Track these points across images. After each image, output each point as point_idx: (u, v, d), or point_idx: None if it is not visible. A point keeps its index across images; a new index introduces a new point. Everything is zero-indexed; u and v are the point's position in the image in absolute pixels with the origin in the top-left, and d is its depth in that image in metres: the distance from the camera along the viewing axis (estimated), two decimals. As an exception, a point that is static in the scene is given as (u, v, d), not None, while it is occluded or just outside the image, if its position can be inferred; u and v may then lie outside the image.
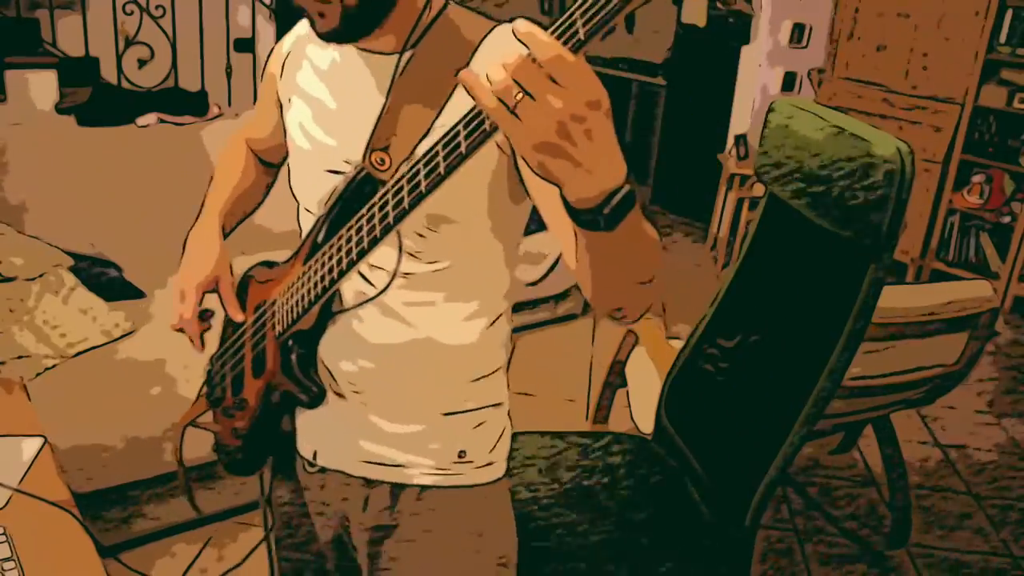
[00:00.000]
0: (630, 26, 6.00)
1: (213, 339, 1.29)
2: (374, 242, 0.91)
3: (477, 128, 0.75)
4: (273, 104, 1.18)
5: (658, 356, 2.20)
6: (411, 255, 1.00)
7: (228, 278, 1.21)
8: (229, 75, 3.78)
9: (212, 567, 2.21)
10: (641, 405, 2.25)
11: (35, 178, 2.68)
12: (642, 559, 1.61)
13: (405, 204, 0.85)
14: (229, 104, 3.73)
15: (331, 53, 1.06)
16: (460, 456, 1.09)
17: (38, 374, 2.13)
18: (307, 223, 1.09)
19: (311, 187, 1.07)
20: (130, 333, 2.37)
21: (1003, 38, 4.19)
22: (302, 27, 1.14)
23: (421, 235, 0.99)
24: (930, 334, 2.05)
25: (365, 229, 0.91)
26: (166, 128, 3.02)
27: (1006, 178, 4.34)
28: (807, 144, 1.60)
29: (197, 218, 1.27)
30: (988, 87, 4.24)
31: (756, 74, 4.81)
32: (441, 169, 0.79)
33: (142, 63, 3.60)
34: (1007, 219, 4.32)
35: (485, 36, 0.97)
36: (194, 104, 3.16)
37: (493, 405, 1.12)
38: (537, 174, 0.70)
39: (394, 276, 1.01)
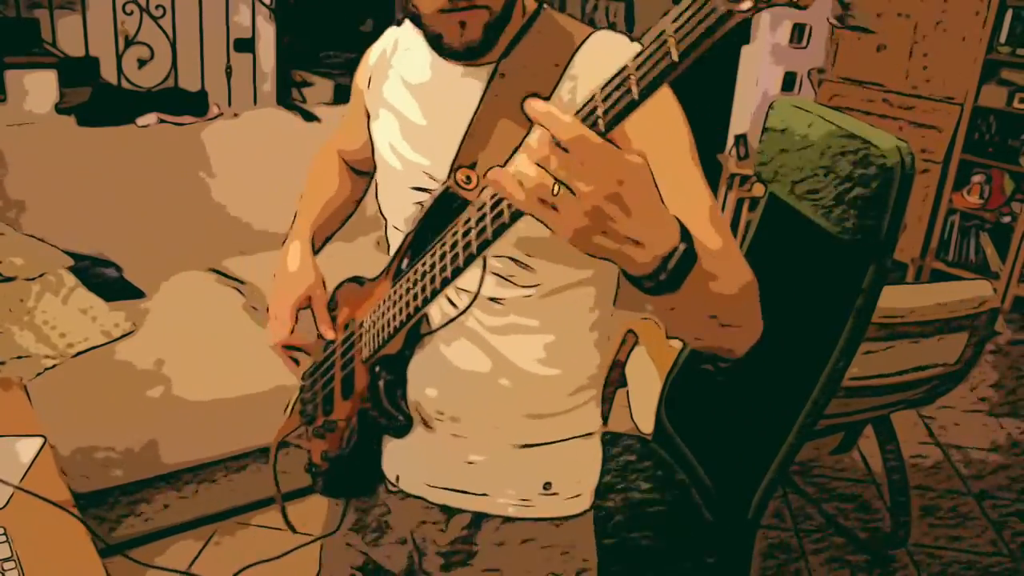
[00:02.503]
0: (630, 26, 6.00)
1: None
2: (457, 270, 0.85)
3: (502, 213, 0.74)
4: (362, 116, 1.15)
5: (658, 356, 2.20)
6: (502, 279, 0.97)
7: (321, 295, 1.18)
8: (229, 75, 3.78)
9: (212, 567, 2.21)
10: (641, 405, 2.25)
11: (35, 178, 2.68)
12: (642, 559, 1.61)
13: (488, 233, 0.79)
14: (229, 104, 3.73)
15: (422, 65, 1.01)
16: (545, 488, 1.05)
17: (38, 374, 2.13)
18: (395, 240, 1.06)
19: (398, 204, 1.04)
20: (130, 333, 2.37)
21: (1003, 38, 4.19)
22: (388, 38, 1.11)
23: (513, 259, 0.96)
24: (930, 334, 2.05)
25: (449, 255, 0.86)
26: (166, 128, 3.02)
27: (1006, 178, 4.34)
28: (807, 144, 1.60)
29: (287, 235, 1.24)
30: (988, 87, 4.24)
31: (756, 74, 4.81)
32: (488, 234, 0.78)
33: (142, 63, 3.60)
34: (1007, 219, 4.32)
35: (581, 44, 0.92)
36: (194, 104, 3.16)
37: (583, 436, 1.08)
38: (589, 255, 0.68)
39: (476, 297, 0.98)
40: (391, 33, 1.11)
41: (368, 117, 1.13)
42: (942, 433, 3.18)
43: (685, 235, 0.70)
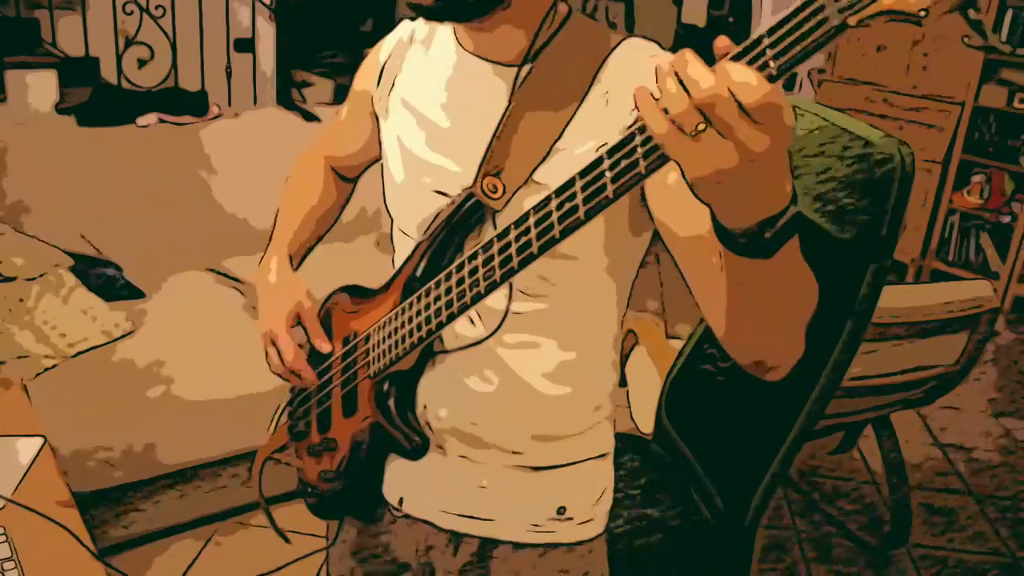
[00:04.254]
0: (630, 26, 6.00)
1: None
2: (493, 286, 0.82)
3: (628, 171, 0.66)
4: (365, 117, 1.09)
5: (658, 356, 2.20)
6: (521, 293, 0.92)
7: (311, 308, 1.12)
8: (229, 75, 3.78)
9: (212, 567, 2.21)
10: (641, 405, 2.25)
11: (35, 178, 2.68)
12: (642, 559, 1.61)
13: (534, 248, 0.75)
14: (229, 104, 3.73)
15: (442, 62, 0.96)
16: (559, 513, 1.01)
17: (38, 374, 2.13)
18: (402, 246, 1.01)
19: (411, 208, 0.98)
20: (130, 333, 2.37)
21: (1003, 38, 4.18)
22: (403, 30, 1.04)
23: (536, 273, 0.89)
24: (930, 334, 2.05)
25: (482, 271, 0.82)
26: (166, 128, 3.02)
27: (1006, 178, 4.34)
28: (807, 144, 1.60)
29: (263, 255, 1.18)
30: (988, 87, 4.24)
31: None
32: (580, 213, 0.71)
33: (142, 63, 3.60)
34: (1007, 219, 4.32)
35: (612, 50, 0.88)
36: (194, 104, 3.16)
37: (597, 457, 1.04)
38: (697, 197, 0.63)
39: (505, 318, 0.92)
40: (405, 27, 1.04)
41: (376, 117, 1.06)
42: (942, 433, 3.18)
43: (795, 200, 0.64)
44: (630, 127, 0.66)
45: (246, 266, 2.77)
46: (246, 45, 3.92)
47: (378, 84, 1.05)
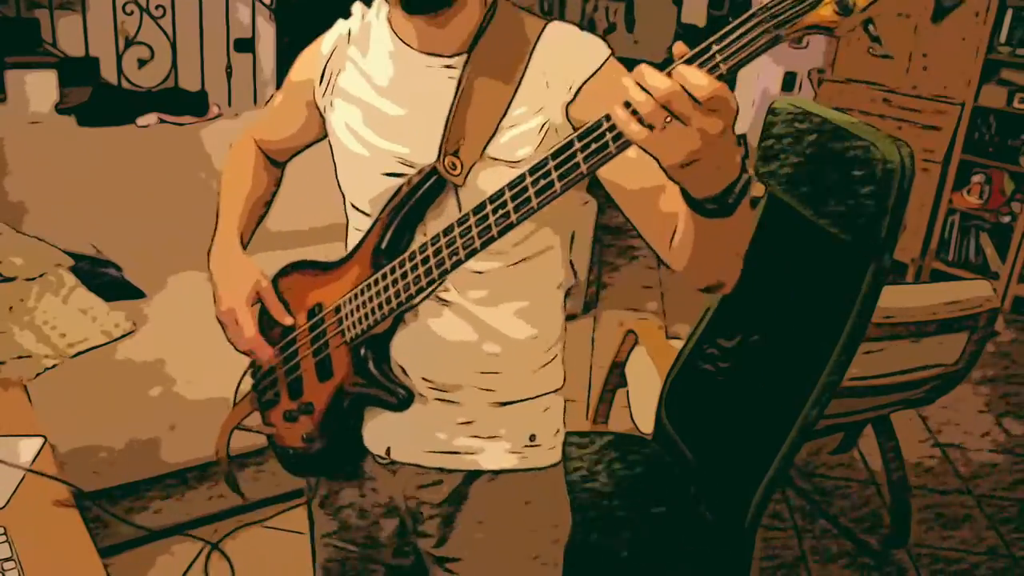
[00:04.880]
0: (630, 26, 6.00)
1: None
2: (472, 253, 0.93)
3: (599, 151, 0.80)
4: (301, 107, 1.18)
5: (658, 356, 2.20)
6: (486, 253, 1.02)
7: (268, 287, 1.20)
8: (229, 75, 3.79)
9: (212, 567, 2.21)
10: (641, 405, 2.25)
11: (35, 178, 2.68)
12: (642, 559, 1.61)
13: (512, 219, 0.88)
14: (229, 104, 3.73)
15: (383, 56, 1.06)
16: (531, 440, 1.13)
17: (38, 374, 2.13)
18: (358, 221, 1.10)
19: (364, 188, 1.08)
20: (130, 333, 2.37)
21: (1003, 38, 4.19)
22: (342, 27, 1.14)
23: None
24: (930, 334, 2.05)
25: (460, 241, 0.93)
26: (166, 128, 3.02)
27: (1006, 178, 4.34)
28: (807, 144, 1.60)
29: (213, 239, 1.25)
30: (988, 87, 4.24)
31: (756, 74, 4.82)
32: (557, 188, 0.84)
33: (142, 63, 3.61)
34: (1007, 219, 4.32)
35: (540, 34, 1.00)
36: (194, 104, 3.16)
37: (555, 391, 1.16)
38: (673, 180, 0.78)
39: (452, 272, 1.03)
40: (343, 24, 1.13)
41: (317, 107, 1.15)
42: (942, 433, 3.18)
43: (744, 168, 0.80)
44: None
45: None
46: (246, 45, 3.92)
47: (321, 79, 1.13)
